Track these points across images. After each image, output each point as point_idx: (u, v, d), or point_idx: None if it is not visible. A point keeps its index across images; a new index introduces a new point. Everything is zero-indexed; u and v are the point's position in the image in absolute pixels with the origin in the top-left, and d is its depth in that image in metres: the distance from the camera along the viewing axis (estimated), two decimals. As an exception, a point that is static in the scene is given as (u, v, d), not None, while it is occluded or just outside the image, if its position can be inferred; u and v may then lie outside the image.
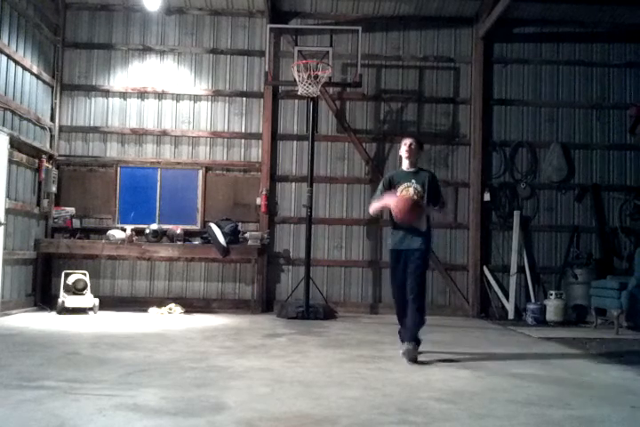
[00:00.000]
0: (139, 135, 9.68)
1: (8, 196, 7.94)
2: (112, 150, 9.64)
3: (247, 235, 9.21)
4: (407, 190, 5.44)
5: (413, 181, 5.47)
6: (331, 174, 9.72)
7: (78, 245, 8.94)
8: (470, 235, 9.66)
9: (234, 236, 9.10)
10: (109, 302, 8.94)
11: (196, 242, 9.24)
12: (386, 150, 9.79)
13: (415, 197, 5.39)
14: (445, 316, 9.34)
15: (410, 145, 5.60)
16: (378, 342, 6.42)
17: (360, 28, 9.20)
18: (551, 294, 8.98)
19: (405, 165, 5.65)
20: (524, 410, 3.66)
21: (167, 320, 8.01)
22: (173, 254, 9.12)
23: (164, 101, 9.74)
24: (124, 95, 9.73)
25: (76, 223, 9.29)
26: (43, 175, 8.91)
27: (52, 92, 9.44)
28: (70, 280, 8.50)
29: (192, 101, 9.76)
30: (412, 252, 5.49)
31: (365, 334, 7.07)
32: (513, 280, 9.53)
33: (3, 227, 7.73)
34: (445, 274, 9.63)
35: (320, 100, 9.38)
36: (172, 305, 8.82)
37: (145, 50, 9.78)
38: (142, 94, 9.74)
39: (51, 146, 9.36)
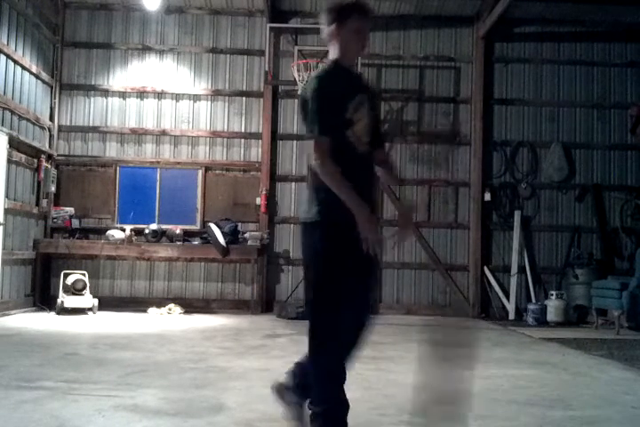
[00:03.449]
0: (138, 135, 9.66)
1: (7, 196, 7.92)
2: (111, 150, 9.61)
3: (247, 235, 9.18)
4: (361, 120, 2.88)
5: (365, 97, 2.94)
6: (331, 174, 9.67)
7: (77, 246, 8.92)
8: (471, 235, 9.64)
9: (233, 236, 9.08)
10: (109, 303, 8.91)
11: (196, 242, 9.22)
12: (386, 150, 9.75)
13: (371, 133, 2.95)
14: (446, 316, 9.32)
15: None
16: (378, 343, 6.37)
17: (360, 28, 9.17)
18: (552, 295, 8.96)
19: (348, 60, 3.04)
20: (524, 411, 3.65)
21: (166, 321, 8.00)
22: (173, 255, 9.10)
23: (163, 101, 9.72)
24: (123, 95, 9.71)
25: (75, 223, 9.26)
26: (42, 175, 8.88)
27: (52, 91, 9.43)
28: (69, 280, 8.48)
29: (191, 101, 9.74)
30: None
31: (365, 335, 7.03)
32: (514, 280, 9.50)
33: (2, 227, 7.70)
34: (446, 274, 9.61)
35: (320, 99, 9.34)
36: (172, 305, 8.80)
37: (144, 49, 9.75)
38: (142, 94, 9.71)
39: (50, 146, 9.34)
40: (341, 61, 2.96)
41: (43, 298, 8.89)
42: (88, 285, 8.54)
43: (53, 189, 9.28)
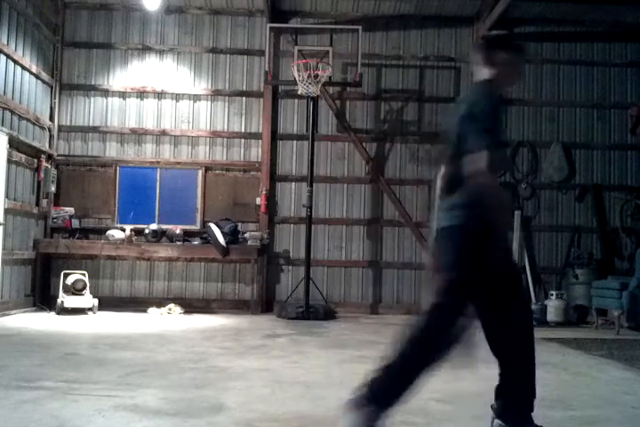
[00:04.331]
0: (138, 135, 9.66)
1: (7, 196, 7.92)
2: (111, 150, 9.61)
3: (247, 235, 9.18)
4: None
5: None
6: (331, 174, 9.70)
7: (77, 246, 8.92)
8: (471, 235, 9.62)
9: (233, 236, 9.08)
10: (109, 303, 8.92)
11: (196, 242, 9.22)
12: (386, 150, 9.77)
13: None
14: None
15: None
16: (378, 343, 6.38)
17: (360, 28, 9.18)
18: (552, 295, 8.96)
19: (499, 88, 3.10)
20: (525, 411, 3.63)
21: (166, 321, 7.99)
22: (173, 255, 9.10)
23: (163, 101, 9.72)
24: (123, 95, 9.71)
25: (76, 223, 9.26)
26: (42, 175, 8.88)
27: (52, 91, 9.42)
28: (69, 280, 8.48)
29: (191, 101, 9.74)
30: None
31: (365, 335, 7.05)
32: (513, 280, 9.49)
33: (2, 227, 7.70)
34: (446, 274, 9.59)
35: (320, 99, 9.36)
36: (172, 305, 8.80)
37: (144, 49, 9.75)
38: (142, 94, 9.71)
39: (50, 146, 9.34)
40: (496, 85, 3.03)
41: (43, 298, 8.89)
42: (88, 285, 8.54)
43: (53, 189, 9.28)
